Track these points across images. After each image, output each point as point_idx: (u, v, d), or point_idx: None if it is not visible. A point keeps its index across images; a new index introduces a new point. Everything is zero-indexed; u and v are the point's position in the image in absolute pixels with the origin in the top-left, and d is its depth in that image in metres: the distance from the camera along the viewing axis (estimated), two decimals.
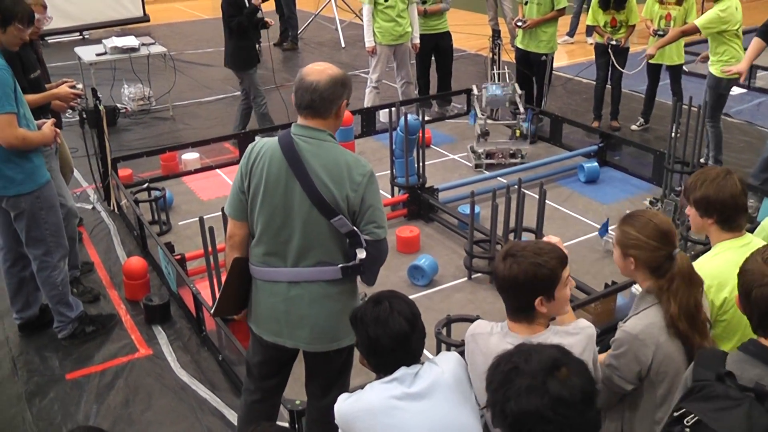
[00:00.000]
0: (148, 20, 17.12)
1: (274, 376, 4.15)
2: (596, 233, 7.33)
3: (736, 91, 11.27)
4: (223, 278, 3.96)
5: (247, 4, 9.23)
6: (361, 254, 3.68)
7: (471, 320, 5.15)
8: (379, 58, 10.01)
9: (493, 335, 3.21)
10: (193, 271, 6.56)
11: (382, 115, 10.19)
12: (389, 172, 7.96)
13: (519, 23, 10.00)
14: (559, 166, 8.90)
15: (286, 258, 3.71)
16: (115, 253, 7.33)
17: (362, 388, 3.19)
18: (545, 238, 3.47)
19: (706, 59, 8.56)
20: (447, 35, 10.70)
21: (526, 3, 9.98)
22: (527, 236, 6.80)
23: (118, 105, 11.15)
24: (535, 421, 2.29)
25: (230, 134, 9.52)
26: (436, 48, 10.63)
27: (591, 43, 9.96)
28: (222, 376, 5.54)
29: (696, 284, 3.40)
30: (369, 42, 9.98)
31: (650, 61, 9.64)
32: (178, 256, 6.50)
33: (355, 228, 3.65)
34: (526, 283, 3.07)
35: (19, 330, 6.02)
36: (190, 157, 9.06)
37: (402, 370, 3.16)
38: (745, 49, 7.94)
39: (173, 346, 5.88)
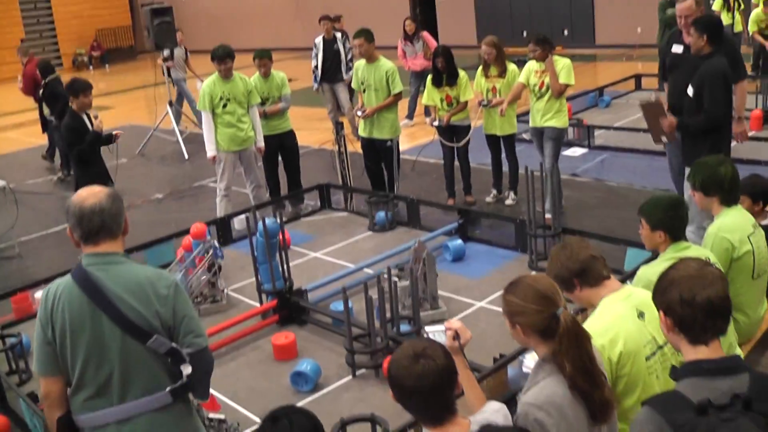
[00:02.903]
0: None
1: None
2: (476, 307, 7.39)
3: (578, 151, 11.70)
4: None
5: (90, 129, 8.72)
6: (187, 369, 3.53)
7: (366, 419, 5.02)
8: (225, 166, 9.84)
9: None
10: None
11: (237, 223, 10.01)
12: (254, 279, 7.74)
13: (359, 112, 10.05)
14: None
15: (110, 397, 3.50)
16: None
17: None
18: (446, 324, 3.58)
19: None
20: (291, 134, 10.66)
21: (364, 91, 10.06)
22: (405, 324, 6.78)
23: None
24: None
25: None
26: (281, 147, 10.56)
27: (434, 125, 10.08)
28: None
29: (585, 338, 3.39)
30: (210, 151, 9.84)
31: (486, 133, 10.07)
32: (42, 406, 6.09)
33: (173, 345, 3.49)
34: (447, 379, 3.05)
35: None
36: None
37: None
38: None
39: None
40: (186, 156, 15.09)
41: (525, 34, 21.99)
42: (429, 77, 10.14)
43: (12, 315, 8.46)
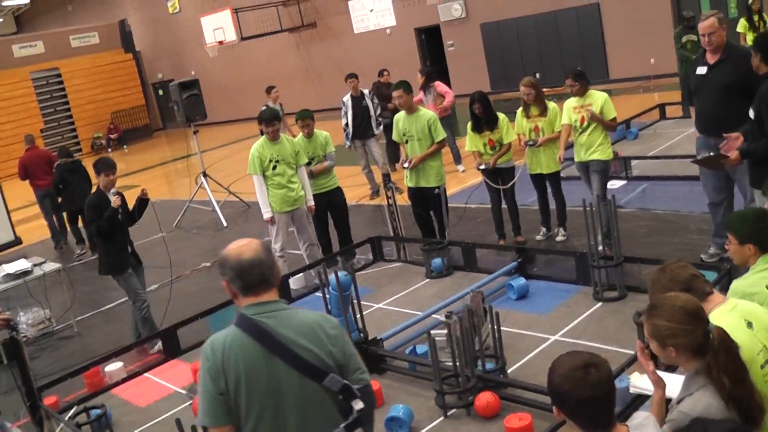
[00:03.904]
0: (21, 242, 16.64)
1: None
2: (551, 341, 7.48)
3: (617, 184, 11.77)
4: None
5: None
6: (358, 405, 3.56)
7: None
8: (278, 227, 9.98)
9: None
10: None
11: (293, 282, 10.09)
12: None
13: (405, 165, 10.17)
14: (485, 289, 8.92)
15: None
16: None
17: None
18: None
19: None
20: (338, 190, 10.81)
21: (406, 142, 10.19)
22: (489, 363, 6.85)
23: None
24: None
25: (153, 335, 9.18)
26: (330, 205, 10.68)
27: (480, 169, 10.21)
28: None
29: (736, 348, 3.47)
30: (266, 213, 9.96)
31: (531, 173, 10.18)
32: None
33: (346, 382, 3.55)
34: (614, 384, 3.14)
35: None
36: (114, 367, 8.68)
37: None
38: None
39: None
40: (225, 224, 15.21)
41: (537, 75, 21.93)
42: (469, 124, 10.27)
43: (85, 390, 8.54)
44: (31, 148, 16.37)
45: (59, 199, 15.40)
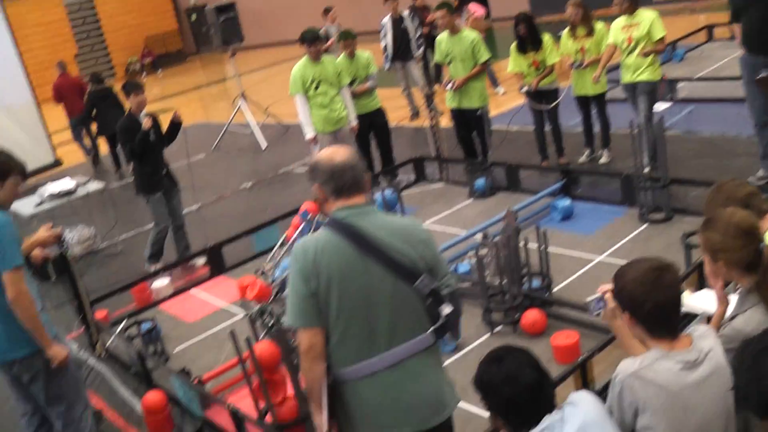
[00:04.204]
0: (61, 164, 16.84)
1: None
2: (596, 261, 7.50)
3: (662, 106, 11.60)
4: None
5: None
6: (446, 309, 3.57)
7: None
8: (321, 147, 9.95)
9: (657, 364, 3.13)
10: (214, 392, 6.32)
11: None
12: None
13: (448, 86, 10.10)
14: (528, 211, 8.93)
15: (378, 344, 3.52)
16: (119, 395, 7.01)
17: None
18: (598, 290, 3.50)
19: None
20: (380, 111, 10.77)
21: (449, 63, 10.11)
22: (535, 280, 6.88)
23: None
24: None
25: (196, 252, 9.28)
26: (372, 125, 10.65)
27: (523, 91, 10.12)
28: None
29: None
30: (309, 133, 9.96)
31: (576, 94, 10.04)
32: (196, 380, 6.27)
33: (435, 285, 3.55)
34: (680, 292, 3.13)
35: None
36: (162, 283, 8.82)
37: (547, 419, 3.07)
38: None
39: None
40: (263, 146, 15.23)
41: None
42: (513, 45, 10.15)
43: (133, 305, 8.71)
44: (63, 74, 16.75)
45: (94, 125, 15.69)
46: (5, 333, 4.92)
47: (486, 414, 3.27)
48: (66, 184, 10.73)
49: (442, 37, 10.20)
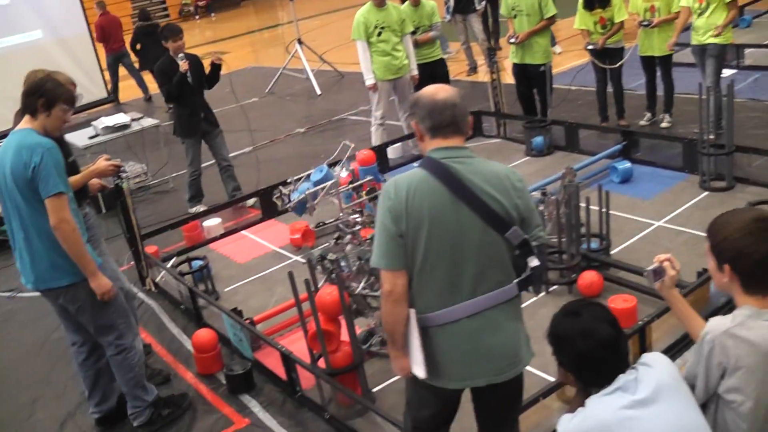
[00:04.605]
0: (113, 100, 16.89)
1: (447, 422, 3.89)
2: (655, 226, 7.37)
3: (726, 72, 11.33)
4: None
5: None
6: (533, 262, 3.47)
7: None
8: (380, 94, 9.87)
9: (750, 321, 3.03)
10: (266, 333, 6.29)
11: (390, 152, 10.04)
12: None
13: (511, 39, 9.93)
14: (586, 171, 8.78)
15: (461, 291, 3.43)
16: (168, 331, 7.03)
17: None
18: (655, 260, 3.41)
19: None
20: (441, 62, 10.62)
21: (515, 17, 9.92)
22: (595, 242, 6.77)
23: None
24: None
25: (250, 194, 9.25)
26: (432, 76, 10.44)
27: (588, 48, 9.90)
28: None
29: None
30: (369, 80, 9.83)
31: (642, 54, 9.79)
32: (247, 320, 6.25)
33: (526, 236, 3.45)
34: None
35: (97, 424, 5.69)
36: (213, 223, 8.81)
37: (622, 378, 2.98)
38: None
39: (269, 412, 5.58)
40: (318, 92, 15.13)
41: None
42: (580, 1, 9.91)
43: (183, 243, 8.72)
44: (104, 13, 16.86)
45: (136, 61, 16.00)
46: (48, 260, 4.91)
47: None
48: (121, 118, 10.76)
49: None
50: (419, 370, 3.50)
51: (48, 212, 4.74)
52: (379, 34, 9.65)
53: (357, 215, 6.93)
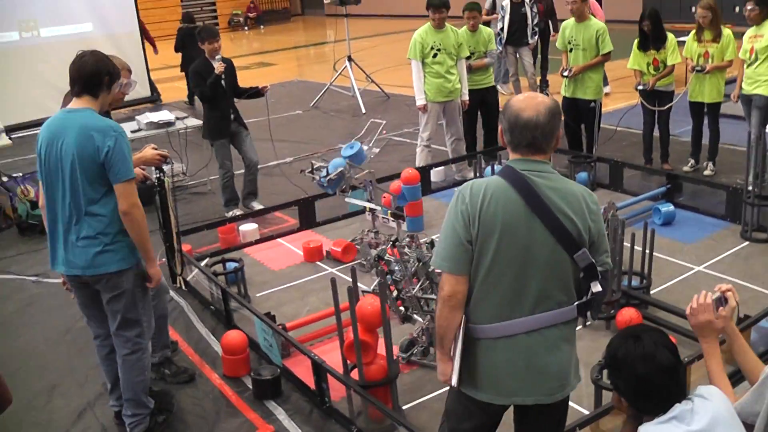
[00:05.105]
0: (156, 99, 16.98)
1: None
2: (695, 271, 7.38)
3: None
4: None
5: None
6: (596, 287, 3.41)
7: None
8: (429, 116, 9.85)
9: None
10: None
11: (434, 174, 10.01)
12: None
13: (565, 73, 9.91)
14: (629, 210, 8.72)
15: (522, 306, 3.38)
16: (196, 330, 6.98)
17: None
18: (717, 289, 3.42)
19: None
20: (493, 90, 10.61)
21: (570, 50, 9.91)
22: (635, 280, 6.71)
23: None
24: None
25: (290, 202, 9.21)
26: (482, 103, 10.47)
27: (638, 89, 9.87)
28: None
29: None
30: (420, 100, 9.81)
31: (691, 100, 9.78)
32: (279, 326, 6.20)
33: (593, 260, 3.38)
34: None
35: (116, 417, 5.59)
36: (249, 227, 8.79)
37: (678, 408, 2.97)
38: None
39: (295, 420, 5.51)
40: (363, 110, 15.15)
41: (693, 9, 20.89)
42: (635, 41, 9.88)
43: (218, 244, 8.71)
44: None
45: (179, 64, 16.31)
46: (100, 245, 4.85)
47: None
48: (165, 115, 10.76)
49: (568, 24, 10.00)
50: (454, 378, 3.46)
51: (119, 197, 4.75)
52: (435, 55, 9.64)
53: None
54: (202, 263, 7.93)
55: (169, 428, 5.50)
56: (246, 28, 34.95)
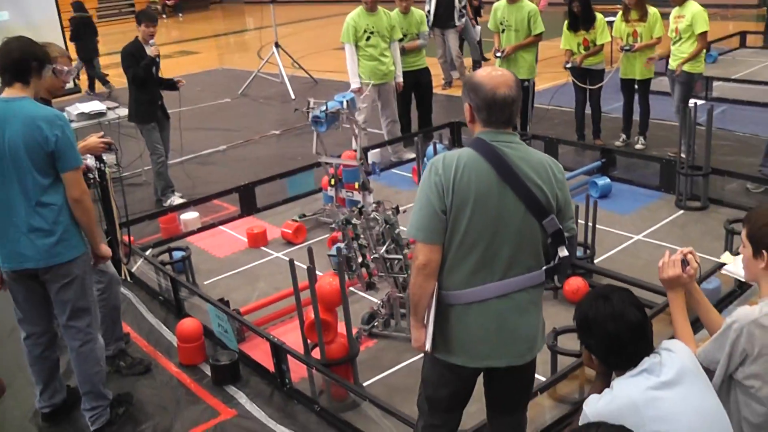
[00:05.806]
0: (79, 91, 16.70)
1: (462, 405, 3.91)
2: (634, 240, 7.59)
3: (696, 102, 11.57)
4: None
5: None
6: (563, 252, 3.53)
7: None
8: (364, 99, 9.89)
9: None
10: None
11: (371, 156, 10.06)
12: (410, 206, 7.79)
13: (497, 54, 10.04)
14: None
15: (494, 272, 3.47)
16: (146, 321, 6.90)
17: None
18: (680, 252, 3.55)
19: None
20: (426, 71, 10.70)
21: (502, 31, 10.04)
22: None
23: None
24: None
25: (230, 188, 9.17)
26: (417, 84, 10.56)
27: (567, 67, 10.07)
28: (328, 427, 5.22)
29: None
30: (355, 83, 9.85)
31: (622, 77, 10.04)
32: (234, 311, 6.20)
33: (560, 226, 3.50)
34: None
35: (44, 420, 5.44)
36: (190, 216, 8.74)
37: (647, 361, 3.09)
38: None
39: (256, 403, 5.53)
40: (293, 96, 15.11)
41: None
42: (565, 22, 10.08)
43: (159, 235, 8.64)
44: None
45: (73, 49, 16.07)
46: (55, 236, 4.78)
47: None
48: (96, 105, 10.58)
49: (499, 5, 10.12)
50: (428, 344, 3.55)
51: (69, 185, 4.70)
52: (368, 38, 9.70)
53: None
54: (151, 250, 7.88)
55: (130, 419, 5.45)
56: (164, 16, 34.45)
